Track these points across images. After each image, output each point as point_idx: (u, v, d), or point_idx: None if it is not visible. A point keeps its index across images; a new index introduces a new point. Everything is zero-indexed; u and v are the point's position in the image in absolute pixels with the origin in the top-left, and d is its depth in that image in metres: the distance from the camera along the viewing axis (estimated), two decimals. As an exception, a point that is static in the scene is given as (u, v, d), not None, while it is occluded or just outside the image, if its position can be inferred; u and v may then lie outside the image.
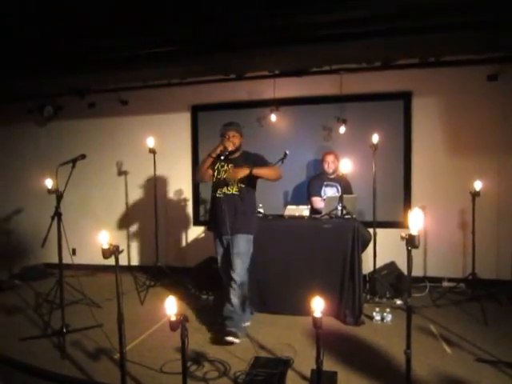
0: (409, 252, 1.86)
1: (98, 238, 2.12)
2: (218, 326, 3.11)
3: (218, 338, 2.97)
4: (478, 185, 3.61)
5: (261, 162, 3.16)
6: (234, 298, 3.06)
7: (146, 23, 3.07)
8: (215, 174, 3.21)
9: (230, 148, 3.08)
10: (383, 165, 4.23)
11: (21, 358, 2.79)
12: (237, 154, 3.21)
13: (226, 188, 3.12)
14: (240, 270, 3.06)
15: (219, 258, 3.29)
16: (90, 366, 2.70)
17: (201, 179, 3.34)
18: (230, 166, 3.12)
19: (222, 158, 3.03)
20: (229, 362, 2.68)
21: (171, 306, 1.87)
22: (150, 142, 4.44)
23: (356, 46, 3.00)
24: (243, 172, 2.97)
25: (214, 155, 3.08)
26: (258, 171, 3.02)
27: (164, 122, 5.17)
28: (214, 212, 3.19)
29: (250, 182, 3.16)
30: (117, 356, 2.73)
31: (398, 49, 3.35)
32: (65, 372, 2.62)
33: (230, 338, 2.90)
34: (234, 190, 3.12)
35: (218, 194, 3.14)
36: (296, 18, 2.75)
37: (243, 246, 3.10)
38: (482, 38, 2.91)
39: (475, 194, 3.61)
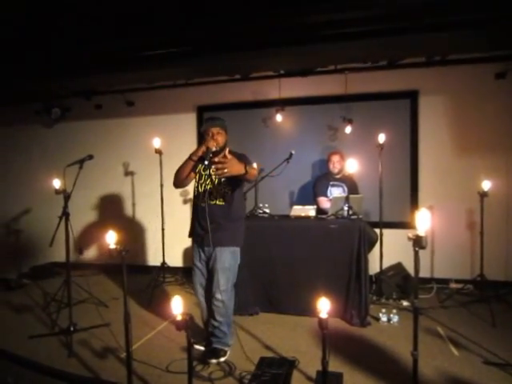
0: (416, 253, 1.84)
1: (105, 237, 2.13)
2: (205, 342, 2.89)
3: (204, 358, 2.72)
4: (486, 185, 3.57)
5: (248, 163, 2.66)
6: (219, 317, 2.73)
7: (151, 25, 3.08)
8: (197, 178, 2.81)
9: (214, 148, 2.60)
10: (390, 165, 4.21)
11: (29, 356, 2.82)
12: (222, 155, 2.62)
13: (209, 198, 2.69)
14: (224, 287, 2.69)
15: (196, 270, 2.85)
16: (96, 364, 2.73)
17: (180, 185, 2.83)
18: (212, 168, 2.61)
19: (206, 162, 2.47)
20: (234, 362, 2.69)
21: (177, 305, 1.88)
22: (156, 142, 4.47)
23: (361, 45, 2.98)
24: (238, 169, 2.42)
25: (195, 158, 2.66)
26: (250, 174, 2.53)
27: (170, 122, 5.19)
28: (196, 221, 2.79)
29: (238, 186, 2.77)
30: (123, 355, 2.75)
31: (403, 48, 3.33)
32: (72, 370, 2.64)
33: (213, 361, 2.68)
34: (219, 201, 2.72)
35: (202, 204, 2.70)
36: (300, 17, 2.74)
37: (228, 261, 2.72)
38: (487, 36, 2.88)
39: (483, 194, 3.57)
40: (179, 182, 2.81)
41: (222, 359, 2.72)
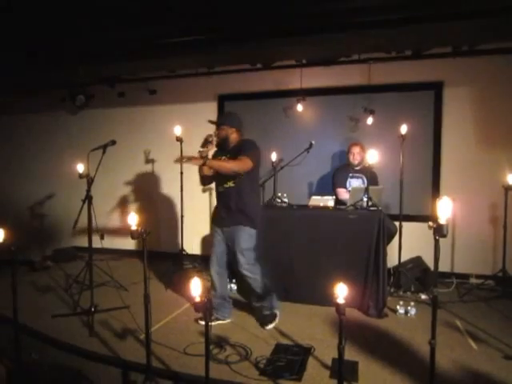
0: (436, 242, 1.82)
1: (126, 221, 2.17)
2: (256, 310, 3.25)
3: (260, 325, 3.13)
4: (511, 178, 3.48)
5: (241, 151, 3.00)
6: (258, 288, 3.10)
7: (174, 12, 3.10)
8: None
9: (211, 138, 3.07)
10: (411, 157, 4.12)
11: (52, 334, 2.93)
12: (232, 144, 3.13)
13: (225, 182, 3.06)
14: (246, 264, 3.04)
15: (215, 249, 3.17)
16: (116, 344, 2.81)
17: (209, 182, 3.28)
18: (226, 156, 3.09)
19: (206, 149, 3.00)
20: (250, 347, 2.72)
21: (196, 287, 1.91)
22: (177, 130, 4.50)
23: (386, 33, 2.93)
24: (196, 161, 2.92)
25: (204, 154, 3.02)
26: (210, 163, 2.94)
27: (191, 111, 5.22)
28: (217, 206, 3.22)
29: (248, 174, 3.02)
30: (142, 336, 2.82)
31: (429, 37, 3.25)
32: (93, 349, 2.72)
33: (269, 326, 3.08)
34: (230, 184, 3.04)
35: (220, 188, 3.13)
36: (324, 4, 2.71)
37: (245, 242, 3.02)
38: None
39: (508, 188, 3.49)
40: (208, 183, 3.27)
41: (272, 325, 3.09)
